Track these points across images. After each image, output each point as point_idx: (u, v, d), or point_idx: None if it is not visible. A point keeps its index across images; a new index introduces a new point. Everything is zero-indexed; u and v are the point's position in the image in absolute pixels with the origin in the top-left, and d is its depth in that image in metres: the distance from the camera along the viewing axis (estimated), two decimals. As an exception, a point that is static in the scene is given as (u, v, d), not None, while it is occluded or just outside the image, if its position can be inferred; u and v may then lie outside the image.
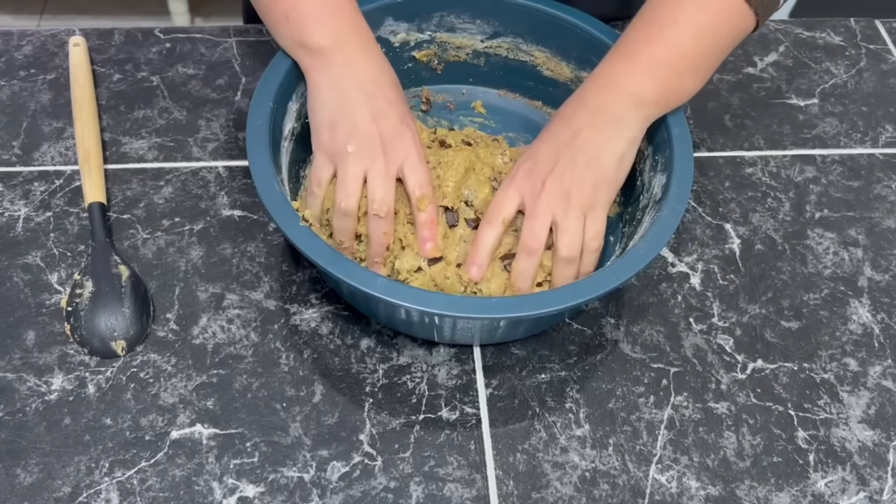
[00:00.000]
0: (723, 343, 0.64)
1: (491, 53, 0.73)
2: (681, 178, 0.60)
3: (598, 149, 0.59)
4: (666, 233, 0.57)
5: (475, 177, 0.64)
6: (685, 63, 0.60)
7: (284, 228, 0.55)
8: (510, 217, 0.60)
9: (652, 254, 0.56)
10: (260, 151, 0.58)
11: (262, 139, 0.58)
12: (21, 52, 0.78)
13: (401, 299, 0.52)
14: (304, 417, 0.59)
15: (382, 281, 0.53)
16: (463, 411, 0.60)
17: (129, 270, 0.63)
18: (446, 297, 0.53)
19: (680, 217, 0.58)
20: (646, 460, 0.59)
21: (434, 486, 0.57)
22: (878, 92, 0.83)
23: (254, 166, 0.57)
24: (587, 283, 0.55)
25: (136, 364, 0.60)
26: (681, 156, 0.61)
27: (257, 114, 0.60)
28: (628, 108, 0.59)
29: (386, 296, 0.52)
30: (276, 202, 0.56)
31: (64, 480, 0.55)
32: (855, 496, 0.58)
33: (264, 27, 0.82)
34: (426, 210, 0.60)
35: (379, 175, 0.59)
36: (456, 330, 0.58)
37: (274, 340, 0.62)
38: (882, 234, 0.72)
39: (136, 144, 0.72)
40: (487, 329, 0.59)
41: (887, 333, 0.66)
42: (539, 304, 0.53)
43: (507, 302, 0.54)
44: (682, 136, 0.61)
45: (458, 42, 0.73)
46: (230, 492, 0.56)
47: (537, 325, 0.62)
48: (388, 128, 0.59)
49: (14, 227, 0.67)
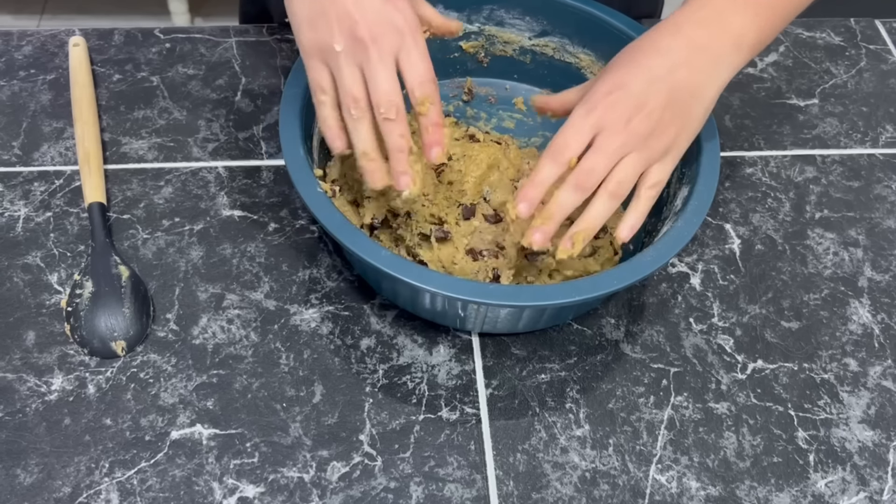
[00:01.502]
0: (723, 343, 0.64)
1: (538, 52, 0.73)
2: (703, 191, 0.59)
3: (691, 92, 0.54)
4: (679, 242, 0.56)
5: (498, 175, 0.64)
6: (783, 8, 0.57)
7: (300, 189, 0.55)
8: (577, 154, 0.53)
9: (660, 262, 0.55)
10: (291, 117, 0.59)
11: (296, 105, 0.60)
12: (21, 52, 0.78)
13: (401, 273, 0.53)
14: (304, 418, 0.59)
15: (386, 254, 0.53)
16: (463, 411, 0.60)
17: (129, 270, 0.63)
18: (458, 281, 0.54)
19: (695, 229, 0.57)
20: (646, 460, 0.59)
21: (434, 486, 0.57)
22: (878, 92, 0.83)
23: (283, 131, 0.58)
24: (585, 283, 0.55)
25: (136, 364, 0.60)
26: (707, 170, 0.60)
27: (296, 80, 0.61)
28: (730, 50, 0.55)
29: (389, 269, 0.53)
30: (301, 171, 0.57)
31: (64, 481, 0.55)
32: (855, 496, 0.58)
33: (264, 27, 0.82)
34: (427, 113, 0.54)
35: (374, 71, 0.52)
36: (465, 313, 0.59)
37: (274, 340, 0.62)
38: (882, 235, 0.72)
39: (136, 144, 0.72)
40: (491, 318, 0.59)
41: (887, 334, 0.66)
42: (535, 297, 0.53)
43: (505, 291, 0.54)
44: (711, 150, 0.61)
45: (506, 37, 0.73)
46: (230, 492, 0.56)
47: (538, 321, 0.62)
48: (370, 12, 0.52)
49: (14, 228, 0.67)
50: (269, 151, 0.73)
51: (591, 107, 0.54)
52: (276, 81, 0.78)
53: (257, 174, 0.71)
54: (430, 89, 0.54)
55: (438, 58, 0.62)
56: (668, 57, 0.54)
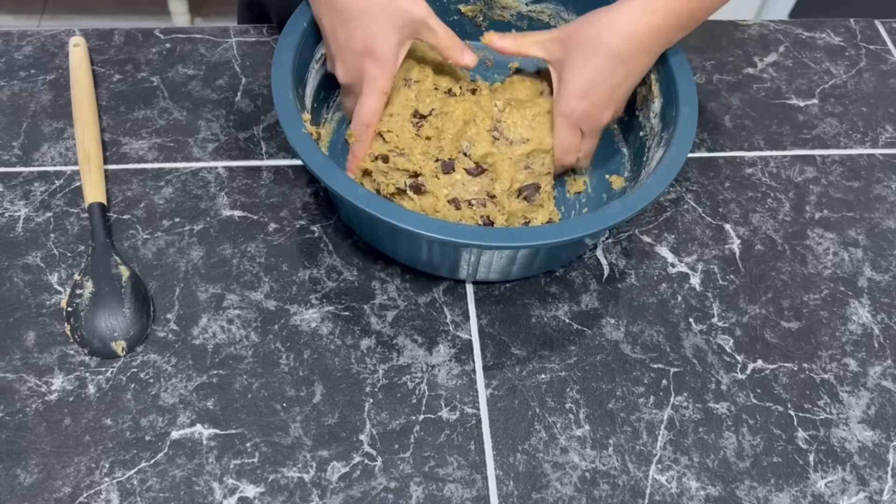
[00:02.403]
0: (723, 343, 0.65)
1: (534, 18, 0.75)
2: (676, 152, 0.61)
3: (639, 73, 0.64)
4: (645, 198, 0.59)
5: (475, 129, 0.66)
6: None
7: (286, 129, 0.58)
8: (579, 148, 0.66)
9: (625, 214, 0.58)
10: (283, 62, 0.62)
11: (289, 54, 0.63)
12: (21, 52, 0.78)
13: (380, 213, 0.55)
14: (305, 418, 0.59)
15: (363, 192, 0.56)
16: (463, 411, 0.60)
17: (129, 271, 0.63)
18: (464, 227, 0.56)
19: (664, 187, 0.59)
20: (646, 460, 0.59)
21: (434, 486, 0.57)
22: (878, 92, 0.83)
23: (275, 76, 0.61)
24: (602, 214, 0.58)
25: (136, 364, 0.60)
26: (682, 132, 0.62)
27: (291, 30, 0.64)
28: (676, 32, 0.63)
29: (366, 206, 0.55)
30: (288, 110, 0.59)
31: (64, 481, 0.55)
32: (855, 496, 0.58)
33: (264, 27, 0.82)
34: (358, 142, 0.66)
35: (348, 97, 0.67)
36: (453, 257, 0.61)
37: (274, 341, 0.62)
38: (882, 235, 0.72)
39: (136, 145, 0.72)
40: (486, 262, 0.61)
41: (887, 334, 0.66)
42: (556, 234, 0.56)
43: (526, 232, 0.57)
44: (688, 115, 0.63)
45: (504, 2, 0.75)
46: (230, 492, 0.56)
47: (555, 259, 0.65)
48: (351, 57, 0.62)
49: (14, 228, 0.67)
50: (269, 151, 0.73)
51: (568, 116, 0.64)
52: (276, 81, 0.78)
53: (257, 174, 0.71)
54: (353, 128, 0.65)
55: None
56: (626, 63, 0.62)
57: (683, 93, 0.64)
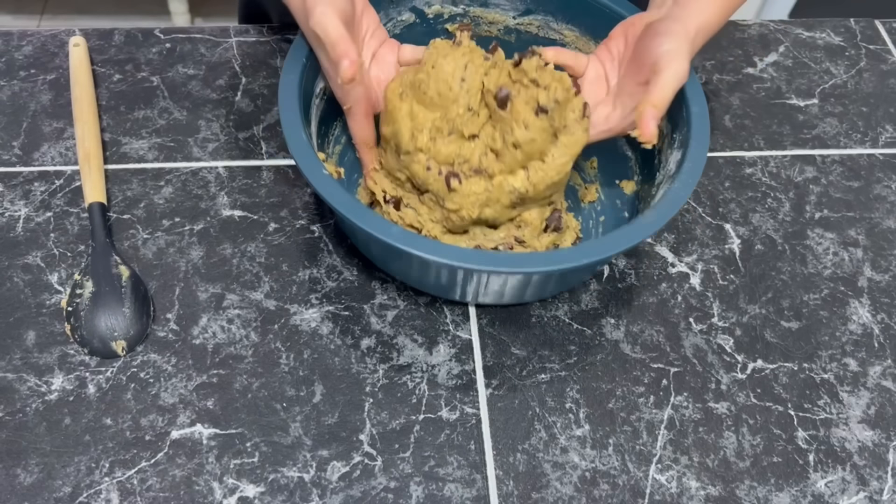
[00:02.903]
0: (723, 343, 0.65)
1: (522, 30, 0.74)
2: (695, 154, 0.60)
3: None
4: (676, 204, 0.57)
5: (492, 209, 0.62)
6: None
7: (307, 173, 0.56)
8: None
9: (660, 223, 0.56)
10: (291, 101, 0.59)
11: (293, 91, 0.60)
12: (21, 52, 0.78)
13: (416, 248, 0.53)
14: (305, 417, 0.59)
15: (398, 230, 0.53)
16: (463, 411, 0.60)
17: (129, 270, 0.63)
18: (478, 253, 0.54)
19: (691, 189, 0.58)
20: (646, 460, 0.59)
21: (434, 486, 0.57)
22: (878, 92, 0.83)
23: (284, 115, 0.59)
24: (591, 246, 0.56)
25: (136, 364, 0.60)
26: (698, 133, 0.61)
27: (291, 67, 0.61)
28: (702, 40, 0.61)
29: (402, 244, 0.53)
30: (303, 150, 0.57)
31: (64, 480, 0.55)
32: (855, 496, 0.58)
33: (264, 27, 0.82)
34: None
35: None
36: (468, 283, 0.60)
37: (274, 340, 0.62)
38: (882, 235, 0.72)
39: (136, 144, 0.72)
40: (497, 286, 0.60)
41: (887, 334, 0.66)
42: (547, 262, 0.54)
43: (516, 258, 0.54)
44: (700, 114, 0.62)
45: (491, 17, 0.73)
46: (230, 492, 0.56)
47: (544, 289, 0.63)
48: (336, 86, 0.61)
49: (14, 228, 0.67)
50: (269, 151, 0.73)
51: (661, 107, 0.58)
52: (276, 81, 0.78)
53: (257, 174, 0.71)
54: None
55: (425, 42, 0.63)
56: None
57: (690, 93, 0.62)
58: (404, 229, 0.54)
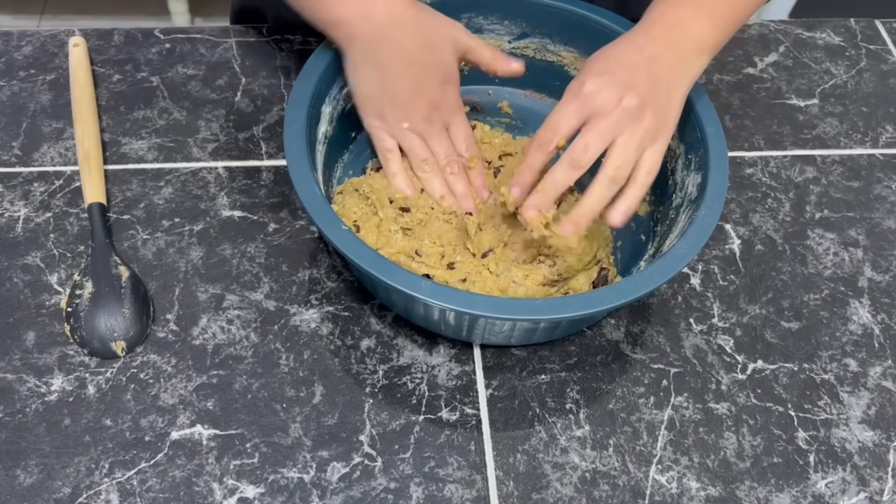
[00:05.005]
0: (723, 343, 0.64)
1: (518, 54, 0.73)
2: (717, 176, 0.59)
3: (667, 83, 0.57)
4: (705, 231, 0.56)
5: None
6: (736, 15, 0.60)
7: (327, 232, 0.54)
8: (567, 137, 0.56)
9: (692, 253, 0.55)
10: (299, 155, 0.58)
11: (300, 142, 0.59)
12: (21, 52, 0.78)
13: (446, 302, 0.52)
14: (305, 418, 0.59)
15: (427, 284, 0.53)
16: (463, 412, 0.60)
17: (128, 271, 0.63)
18: (488, 299, 0.53)
19: (718, 215, 0.57)
20: (646, 461, 0.59)
21: (434, 486, 0.57)
22: (878, 92, 0.83)
23: (293, 171, 0.57)
24: (628, 284, 0.54)
25: (135, 365, 0.60)
26: (716, 154, 0.60)
27: (294, 117, 0.60)
28: (694, 53, 0.58)
29: (431, 298, 0.52)
30: (319, 206, 0.56)
31: (64, 481, 0.55)
32: (855, 497, 0.58)
33: (264, 27, 0.82)
34: (476, 167, 0.67)
35: (435, 140, 0.65)
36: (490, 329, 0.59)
37: (274, 341, 0.62)
38: (882, 235, 0.72)
39: (135, 145, 0.72)
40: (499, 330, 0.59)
41: (887, 334, 0.66)
42: (581, 306, 0.53)
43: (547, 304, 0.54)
44: (716, 135, 0.61)
45: (486, 42, 0.72)
46: (230, 492, 0.56)
47: (558, 330, 0.62)
48: (431, 93, 0.63)
49: (14, 228, 0.67)
50: (269, 152, 0.73)
51: (578, 90, 0.56)
52: (275, 82, 0.78)
53: (257, 174, 0.71)
54: (475, 150, 0.67)
55: None
56: (643, 52, 0.57)
57: (703, 113, 0.62)
58: (434, 283, 0.53)
